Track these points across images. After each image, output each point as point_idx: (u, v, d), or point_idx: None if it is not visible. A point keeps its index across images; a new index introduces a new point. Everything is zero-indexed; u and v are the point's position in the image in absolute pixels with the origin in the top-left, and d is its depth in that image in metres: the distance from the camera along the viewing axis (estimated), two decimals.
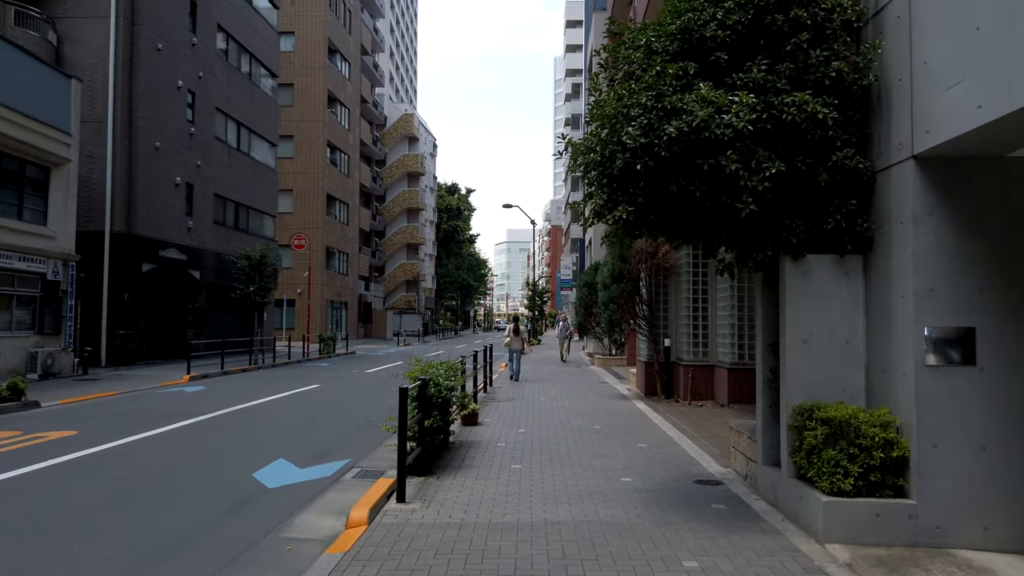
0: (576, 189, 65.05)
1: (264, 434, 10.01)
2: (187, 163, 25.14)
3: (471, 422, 10.31)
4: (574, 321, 28.18)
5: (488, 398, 13.74)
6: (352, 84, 49.25)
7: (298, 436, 9.84)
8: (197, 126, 25.81)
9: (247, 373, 21.04)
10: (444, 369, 8.09)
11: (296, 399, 14.22)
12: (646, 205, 5.64)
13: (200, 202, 26.10)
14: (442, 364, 8.36)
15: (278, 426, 10.72)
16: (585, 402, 13.21)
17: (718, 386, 12.94)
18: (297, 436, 9.84)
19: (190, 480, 7.21)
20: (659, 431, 9.84)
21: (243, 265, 23.20)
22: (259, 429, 10.40)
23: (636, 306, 13.93)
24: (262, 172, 31.81)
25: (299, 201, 42.54)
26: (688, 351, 13.36)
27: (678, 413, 11.68)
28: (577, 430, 9.86)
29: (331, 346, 30.24)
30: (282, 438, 9.64)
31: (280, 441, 9.40)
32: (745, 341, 12.33)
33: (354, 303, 50.06)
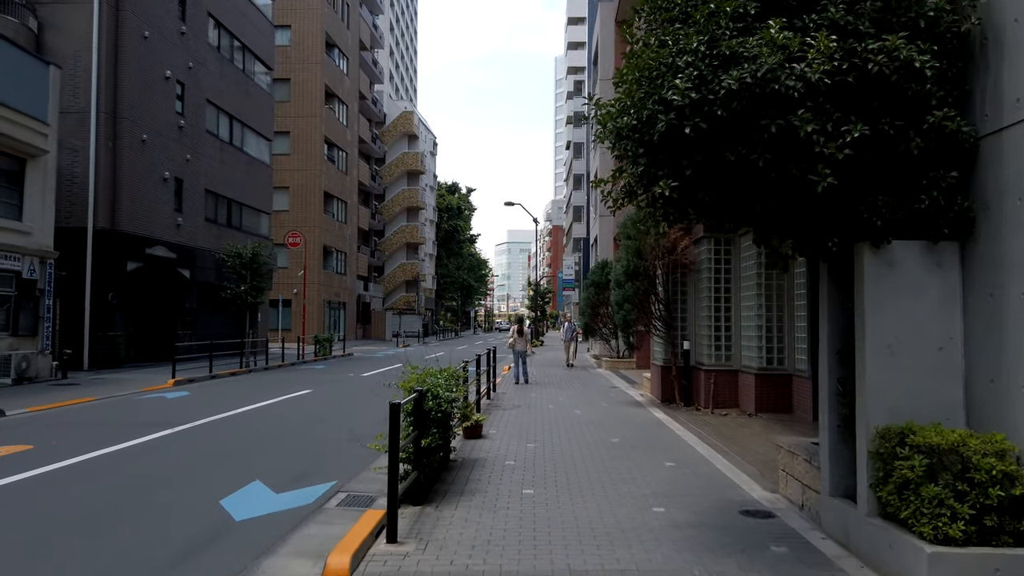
0: (579, 188, 63.99)
1: (242, 448, 8.94)
2: (176, 157, 24.09)
3: (475, 435, 9.25)
4: (579, 322, 26.80)
5: (492, 406, 12.68)
6: (350, 80, 48.22)
7: (280, 451, 8.78)
8: (187, 119, 24.76)
9: (237, 377, 19.97)
10: (444, 378, 7.04)
11: (284, 406, 13.15)
12: (694, 179, 4.58)
13: (190, 198, 25.05)
14: (442, 372, 7.31)
15: (259, 438, 9.66)
16: (597, 410, 12.14)
17: (743, 393, 11.87)
18: (279, 451, 8.78)
19: (145, 508, 6.14)
20: (685, 445, 8.77)
21: (234, 263, 22.15)
22: (238, 442, 9.34)
23: (652, 306, 12.87)
24: (256, 168, 30.77)
25: (295, 199, 41.49)
26: (709, 355, 12.29)
27: (701, 423, 10.61)
28: (593, 444, 8.79)
29: (327, 348, 29.19)
30: (262, 453, 8.58)
31: (259, 457, 8.33)
32: (774, 344, 11.27)
33: (352, 303, 49.01)
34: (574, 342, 24.09)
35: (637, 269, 12.44)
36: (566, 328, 24.41)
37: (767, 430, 9.82)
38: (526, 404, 12.92)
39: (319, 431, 10.30)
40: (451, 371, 7.56)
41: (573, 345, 23.91)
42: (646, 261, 12.47)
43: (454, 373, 7.50)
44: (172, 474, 7.48)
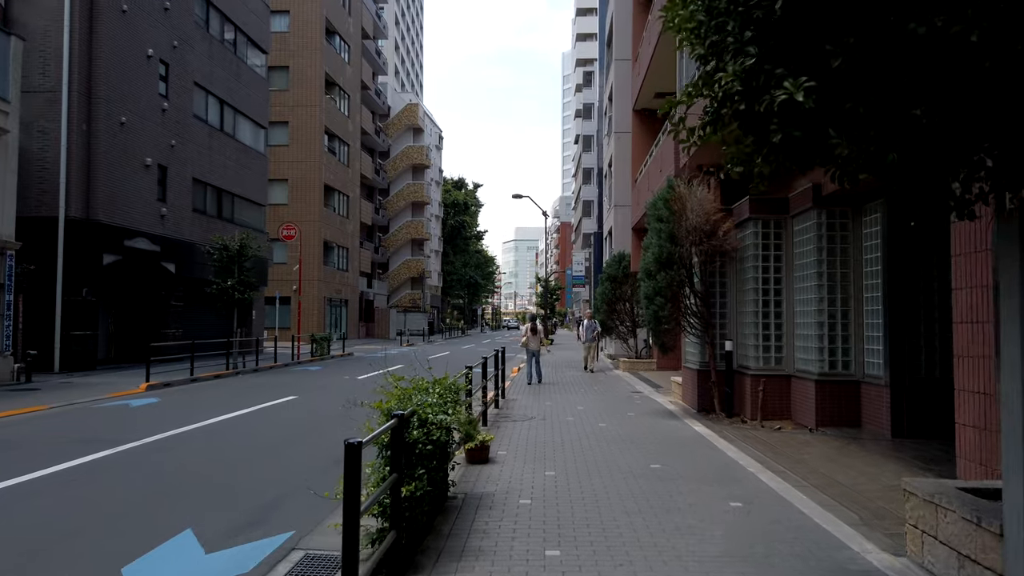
0: (588, 182, 62.05)
1: (189, 479, 7.16)
2: (159, 142, 22.37)
3: (480, 459, 7.44)
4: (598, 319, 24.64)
5: (501, 416, 10.88)
6: (352, 68, 46.47)
7: (234, 482, 7.00)
8: (171, 102, 23.04)
9: (221, 380, 18.24)
10: (439, 392, 5.24)
11: (259, 417, 11.38)
12: (847, 74, 2.74)
13: (176, 187, 23.33)
14: (436, 384, 5.51)
15: (216, 463, 7.89)
16: (625, 422, 10.31)
17: (798, 403, 10.02)
18: (233, 482, 7.00)
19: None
20: (746, 474, 6.94)
21: (220, 256, 20.42)
22: (187, 469, 7.56)
23: (685, 300, 11.03)
24: (250, 157, 29.04)
25: (294, 191, 39.79)
26: (756, 357, 10.45)
27: (754, 441, 8.78)
28: (629, 472, 6.97)
29: (325, 347, 27.46)
30: (210, 486, 6.80)
31: (205, 492, 6.55)
32: (838, 344, 9.43)
33: (355, 301, 47.30)
34: (595, 343, 20.91)
35: (671, 256, 10.59)
36: (585, 327, 20.87)
37: (841, 452, 7.97)
38: (541, 414, 11.10)
39: (289, 455, 8.51)
40: (448, 382, 5.76)
41: (593, 347, 20.77)
42: (681, 247, 10.62)
43: (452, 385, 5.70)
44: (81, 519, 5.70)
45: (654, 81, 18.80)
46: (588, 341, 20.54)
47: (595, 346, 20.94)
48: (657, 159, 16.13)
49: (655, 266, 10.67)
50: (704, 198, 10.64)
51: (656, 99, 20.27)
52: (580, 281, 62.64)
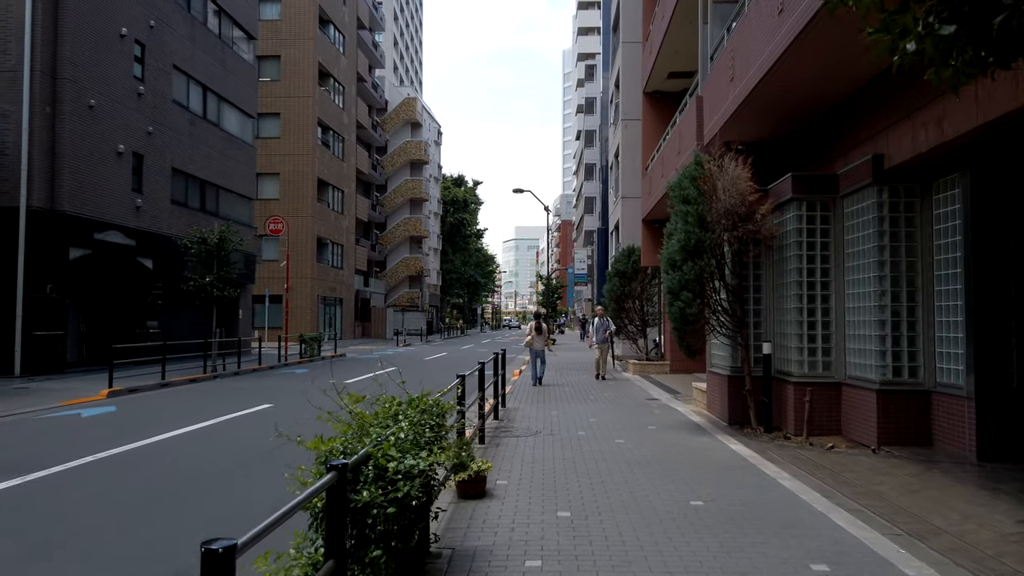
0: (590, 178, 60.50)
1: (99, 522, 5.63)
2: (134, 128, 20.83)
3: (475, 492, 5.91)
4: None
5: (501, 429, 9.34)
6: (347, 60, 44.91)
7: (156, 529, 5.46)
8: (148, 85, 21.50)
9: (195, 385, 16.71)
10: (413, 420, 3.69)
11: (214, 435, 9.83)
12: None
13: (153, 177, 21.79)
14: (412, 405, 3.98)
15: (146, 497, 6.35)
16: (646, 438, 8.76)
17: (852, 416, 8.48)
18: (154, 529, 5.46)
19: None
20: (815, 515, 5.39)
21: (198, 250, 18.87)
22: (99, 509, 6.02)
23: (713, 295, 9.48)
24: (236, 147, 27.49)
25: (286, 186, 38.26)
26: (799, 361, 8.91)
27: (808, 464, 7.24)
28: (666, 514, 5.42)
29: (315, 348, 25.92)
30: (124, 534, 5.26)
31: (109, 545, 5.02)
32: (903, 347, 7.90)
33: (350, 299, 45.76)
34: (607, 346, 17.70)
35: (700, 243, 9.03)
36: (596, 326, 17.66)
37: (922, 481, 6.43)
38: (547, 427, 9.56)
39: (247, 482, 6.96)
40: (430, 401, 4.22)
41: (606, 350, 17.53)
42: (713, 233, 9.07)
43: (433, 407, 4.14)
44: None
45: (667, 59, 17.27)
46: (600, 343, 17.46)
47: (608, 349, 17.83)
48: (674, 140, 14.59)
49: (681, 255, 9.12)
50: (738, 175, 9.10)
51: (669, 79, 18.75)
52: (582, 279, 61.07)
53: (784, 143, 10.50)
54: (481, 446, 8.15)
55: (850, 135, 8.71)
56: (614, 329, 18.69)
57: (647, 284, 20.48)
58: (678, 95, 18.74)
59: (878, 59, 6.05)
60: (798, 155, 10.24)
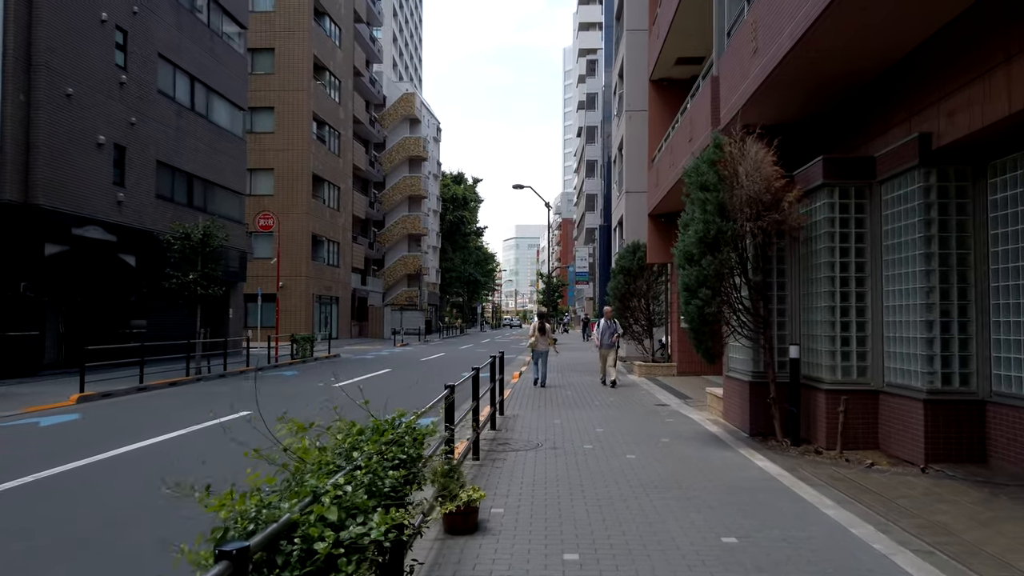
0: (591, 175, 59.55)
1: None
2: (116, 119, 19.89)
3: (464, 527, 4.96)
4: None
5: (498, 442, 8.40)
6: (343, 53, 43.94)
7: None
8: (131, 74, 20.55)
9: (175, 389, 15.78)
10: (371, 463, 2.74)
11: (168, 451, 8.90)
12: None
13: (136, 170, 20.85)
14: (378, 433, 3.04)
15: (56, 539, 5.42)
16: (661, 453, 7.81)
17: (892, 428, 7.53)
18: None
19: None
20: (876, 557, 4.45)
21: (181, 246, 17.92)
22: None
23: (733, 292, 8.53)
24: (225, 141, 26.54)
25: (281, 181, 37.31)
26: (831, 366, 7.96)
27: (850, 487, 6.29)
28: (695, 557, 4.47)
29: (307, 348, 24.98)
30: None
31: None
32: (954, 351, 6.99)
33: (347, 298, 44.82)
34: (615, 350, 15.58)
35: (721, 235, 8.07)
36: (602, 328, 15.63)
37: (990, 508, 5.48)
38: (550, 440, 8.62)
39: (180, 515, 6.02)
40: (402, 427, 3.27)
41: (613, 354, 15.46)
42: (734, 223, 8.11)
43: (408, 433, 3.19)
44: None
45: (676, 44, 16.32)
46: (607, 346, 15.45)
47: (616, 353, 15.62)
48: (684, 127, 13.64)
49: (699, 248, 8.17)
50: (761, 159, 8.15)
51: (677, 66, 17.79)
52: (583, 278, 60.15)
53: (809, 126, 9.56)
54: (475, 462, 7.22)
55: (889, 113, 7.76)
56: (622, 333, 16.73)
57: (653, 282, 19.52)
58: (686, 83, 17.79)
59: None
60: (825, 139, 9.29)
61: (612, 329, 15.62)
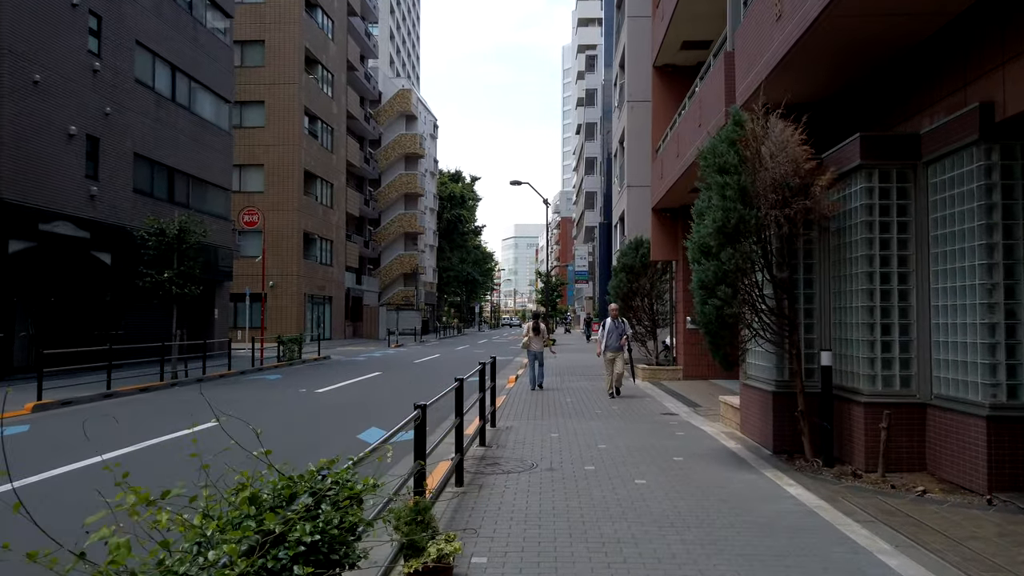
0: (591, 172, 58.49)
1: None
2: (89, 109, 18.81)
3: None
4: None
5: (487, 461, 7.34)
6: (336, 46, 42.85)
7: None
8: (106, 62, 19.47)
9: (145, 395, 14.72)
10: (254, 566, 1.67)
11: (119, 469, 7.85)
12: None
13: (111, 163, 19.78)
14: (267, 513, 1.96)
15: None
16: (676, 478, 6.75)
17: (945, 449, 6.48)
18: None
19: None
20: None
21: (156, 243, 16.85)
22: None
23: (753, 290, 7.47)
24: (210, 134, 25.47)
25: (271, 178, 36.21)
26: (869, 376, 6.91)
27: (907, 524, 5.24)
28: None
29: (295, 350, 23.90)
30: None
31: None
32: (1021, 359, 5.90)
33: (340, 298, 43.73)
34: (622, 354, 13.41)
35: (743, 223, 7.01)
36: (607, 329, 13.49)
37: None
38: (546, 459, 7.56)
39: None
40: (325, 486, 2.20)
41: (620, 360, 13.35)
42: (758, 210, 7.05)
43: (326, 498, 2.14)
44: None
45: (681, 26, 15.27)
46: (612, 349, 13.25)
47: (622, 358, 13.46)
48: (693, 111, 12.58)
49: (717, 240, 7.11)
50: (788, 139, 7.10)
51: (683, 51, 16.73)
52: (583, 276, 59.15)
53: (838, 103, 8.50)
54: (458, 490, 6.16)
55: (938, 82, 6.70)
56: (631, 333, 14.05)
57: (657, 280, 18.47)
58: (692, 69, 16.74)
59: None
60: (856, 117, 8.23)
61: (619, 330, 13.52)
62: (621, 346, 13.38)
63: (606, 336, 13.45)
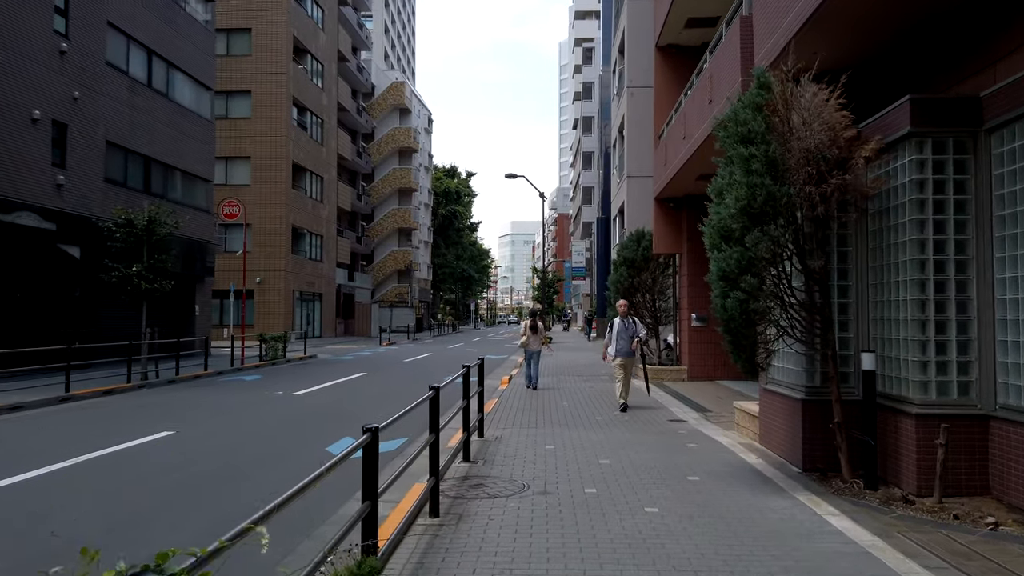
0: (588, 167, 57.40)
1: None
2: (55, 92, 17.65)
3: None
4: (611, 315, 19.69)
5: (471, 480, 6.27)
6: (327, 36, 41.66)
7: None
8: (74, 43, 18.31)
9: (107, 398, 13.62)
10: None
11: (44, 490, 6.75)
12: None
13: (80, 150, 18.62)
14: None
15: None
16: (694, 505, 5.67)
17: (1014, 468, 5.41)
18: None
19: None
20: None
21: (123, 235, 15.73)
22: None
23: (781, 280, 6.40)
24: (190, 122, 24.30)
25: (258, 170, 35.04)
26: (921, 382, 5.84)
27: (989, 572, 4.17)
28: None
29: (278, 349, 22.78)
30: None
31: None
32: None
33: (331, 294, 42.59)
34: (634, 361, 11.45)
35: (771, 202, 5.92)
36: (616, 329, 11.23)
37: None
38: (539, 478, 6.48)
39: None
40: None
41: (631, 366, 11.33)
42: (789, 186, 5.97)
43: None
44: None
45: (687, 1, 14.20)
46: (625, 356, 11.07)
47: (635, 364, 11.62)
48: (702, 87, 11.50)
49: (741, 222, 6.03)
50: (821, 103, 6.03)
51: (687, 30, 15.64)
52: (580, 273, 58.09)
53: (875, 67, 7.41)
54: (432, 522, 5.08)
55: (1004, 32, 5.63)
56: (644, 335, 11.79)
57: (659, 274, 17.40)
58: (697, 50, 15.66)
59: None
60: (898, 82, 7.15)
61: (630, 331, 11.16)
62: (633, 350, 11.14)
63: (615, 338, 11.18)
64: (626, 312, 11.63)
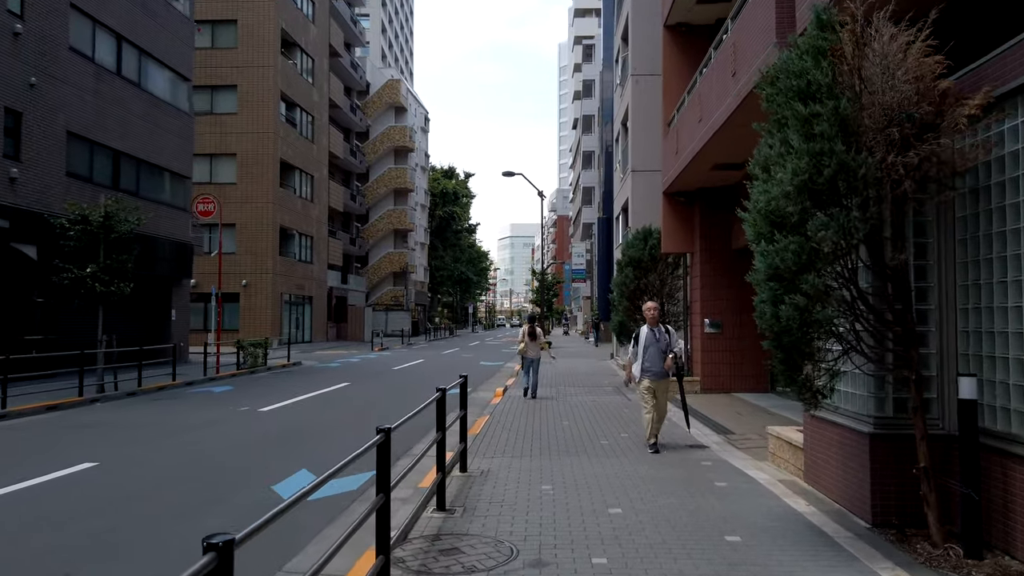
0: (588, 167, 55.96)
1: None
2: (8, 77, 16.17)
3: None
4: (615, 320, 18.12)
5: (441, 546, 4.76)
6: (318, 29, 40.20)
7: None
8: (31, 25, 16.83)
9: (49, 415, 12.11)
10: None
11: None
12: None
13: (37, 141, 17.13)
14: None
15: None
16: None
17: None
18: None
19: None
20: None
21: (77, 232, 14.23)
22: None
23: (849, 283, 4.91)
24: (165, 114, 22.81)
25: (244, 168, 33.55)
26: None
27: None
28: None
29: (258, 356, 21.26)
30: None
31: None
32: None
33: (322, 297, 41.07)
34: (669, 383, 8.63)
35: (846, 175, 4.42)
36: (644, 341, 8.35)
37: None
38: (533, 535, 4.98)
39: None
40: None
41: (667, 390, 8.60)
42: (871, 154, 4.48)
43: None
44: None
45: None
46: (657, 376, 8.34)
47: (670, 387, 8.78)
48: (723, 60, 10.00)
49: (799, 203, 4.54)
50: (903, 47, 4.55)
51: (699, 5, 14.17)
52: (580, 275, 56.58)
53: (956, 13, 5.92)
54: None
55: None
56: (681, 348, 8.72)
57: (668, 276, 15.91)
58: (710, 29, 14.22)
59: None
60: (1005, 21, 5.65)
61: (664, 343, 8.34)
62: (667, 369, 8.38)
63: (642, 352, 8.34)
64: (655, 318, 8.59)
